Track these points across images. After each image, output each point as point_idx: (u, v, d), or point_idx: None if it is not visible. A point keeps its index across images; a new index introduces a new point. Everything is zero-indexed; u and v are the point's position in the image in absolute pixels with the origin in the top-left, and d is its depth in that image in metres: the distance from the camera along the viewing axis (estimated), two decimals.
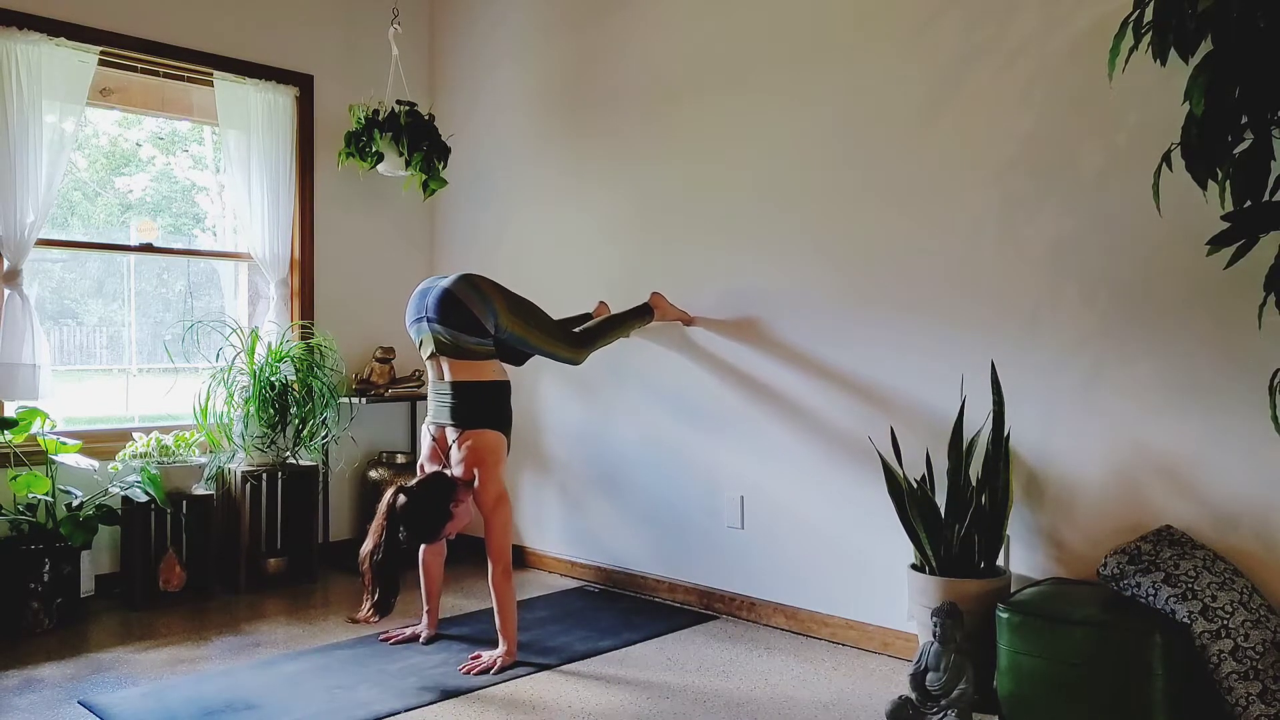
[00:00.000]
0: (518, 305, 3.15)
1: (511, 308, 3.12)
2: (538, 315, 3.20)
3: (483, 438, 3.07)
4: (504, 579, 3.02)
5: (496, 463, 3.08)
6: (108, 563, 3.85)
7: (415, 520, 2.98)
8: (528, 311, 3.17)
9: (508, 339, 3.12)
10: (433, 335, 3.08)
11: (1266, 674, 2.20)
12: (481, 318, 3.04)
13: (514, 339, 3.13)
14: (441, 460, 3.15)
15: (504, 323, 3.08)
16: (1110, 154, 2.65)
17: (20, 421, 3.46)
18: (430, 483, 3.04)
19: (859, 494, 3.20)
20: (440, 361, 3.12)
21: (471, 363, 3.09)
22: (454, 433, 3.10)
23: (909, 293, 3.07)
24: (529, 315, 3.17)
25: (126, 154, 4.39)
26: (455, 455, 3.09)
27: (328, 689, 2.80)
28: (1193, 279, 2.51)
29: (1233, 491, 2.46)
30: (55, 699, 2.75)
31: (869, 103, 3.17)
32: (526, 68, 4.37)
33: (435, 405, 3.16)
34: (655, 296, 3.62)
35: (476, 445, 3.06)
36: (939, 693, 2.48)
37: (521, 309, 3.15)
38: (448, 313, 3.03)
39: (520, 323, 3.12)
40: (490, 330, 3.06)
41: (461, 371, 3.09)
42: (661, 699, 2.73)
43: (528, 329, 3.14)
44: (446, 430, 3.13)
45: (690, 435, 3.71)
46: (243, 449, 4.01)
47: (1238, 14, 1.94)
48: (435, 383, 3.17)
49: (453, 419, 3.10)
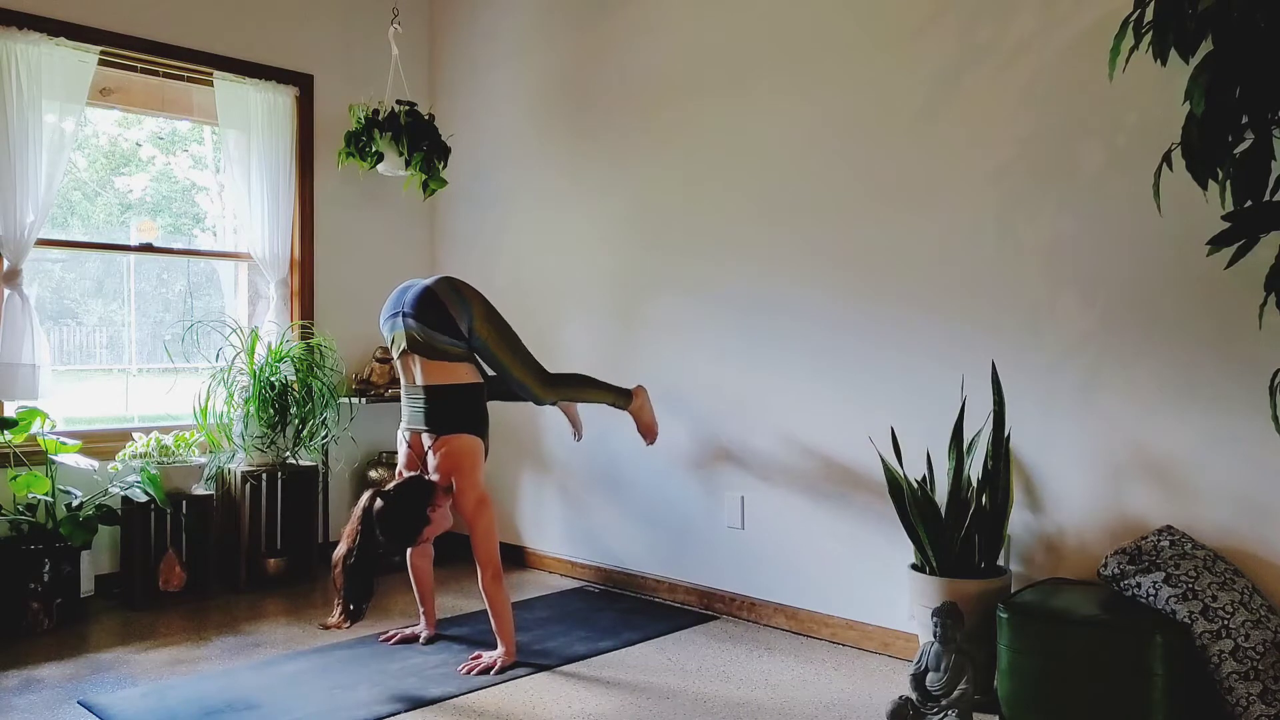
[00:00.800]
0: (494, 316, 3.10)
1: (487, 316, 3.08)
2: (513, 337, 3.14)
3: (458, 442, 3.03)
4: (494, 583, 2.99)
5: (474, 467, 3.04)
6: (107, 563, 3.84)
7: (392, 524, 2.93)
8: (504, 328, 3.12)
9: (478, 347, 3.08)
10: (405, 332, 3.04)
11: (1267, 674, 2.20)
12: (456, 317, 3.02)
13: (483, 349, 3.08)
14: (419, 466, 3.11)
15: (477, 327, 3.04)
16: (1110, 154, 2.65)
17: (20, 421, 3.46)
18: (407, 486, 3.00)
19: (859, 494, 3.19)
20: (412, 363, 3.08)
21: (444, 364, 3.06)
22: (429, 438, 3.06)
23: (909, 293, 3.07)
24: (504, 332, 3.11)
25: (126, 154, 4.39)
26: (431, 461, 3.05)
27: (327, 689, 2.80)
28: (1193, 279, 2.51)
29: (1233, 492, 2.46)
30: (55, 699, 2.74)
31: (869, 103, 3.17)
32: (526, 68, 4.37)
33: (409, 410, 3.14)
34: (640, 390, 3.48)
35: (452, 450, 3.02)
36: (939, 693, 2.47)
37: (497, 322, 3.10)
38: (424, 309, 3.01)
39: (493, 334, 3.07)
40: (464, 332, 3.03)
41: (434, 373, 3.06)
42: (661, 699, 2.73)
43: (499, 344, 3.08)
44: (422, 436, 3.09)
45: (690, 435, 3.71)
46: (242, 449, 4.01)
47: (1238, 14, 1.93)
48: (408, 387, 3.14)
49: (427, 424, 3.06)
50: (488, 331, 3.07)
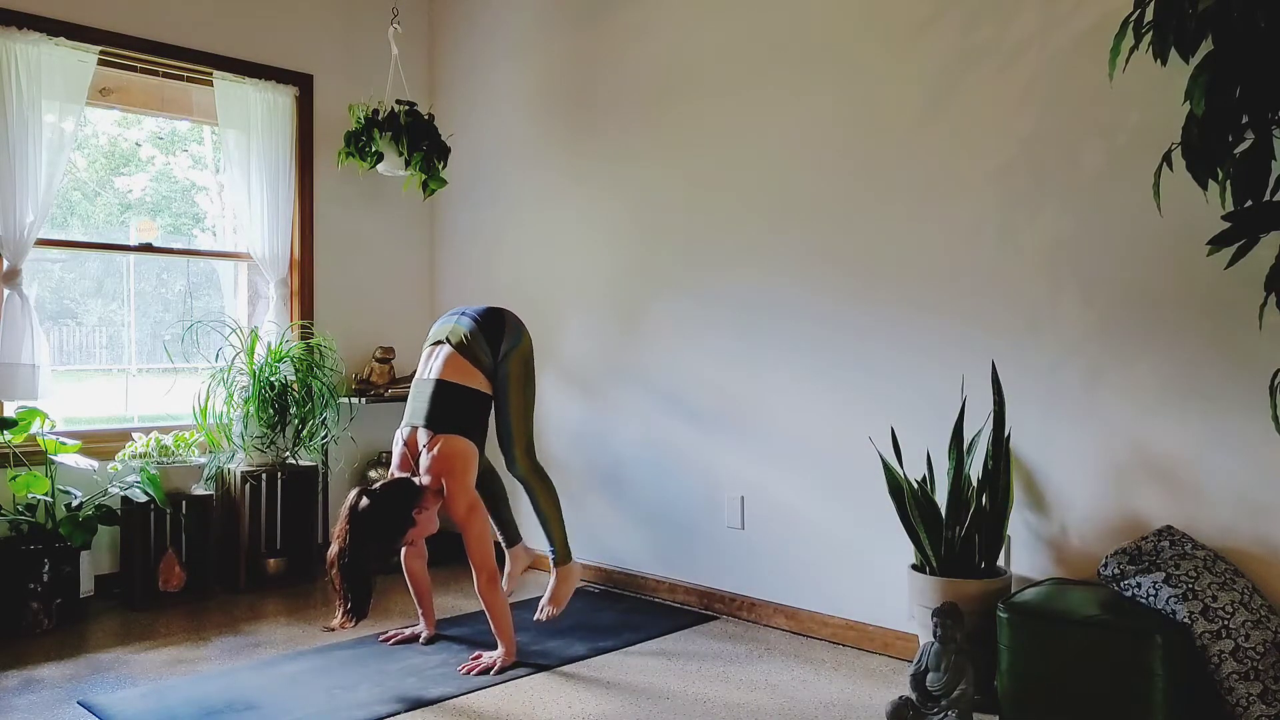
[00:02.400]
0: (529, 365, 3.22)
1: (525, 360, 3.20)
2: (531, 395, 3.23)
3: (453, 444, 3.01)
4: (490, 587, 2.98)
5: (465, 471, 3.01)
6: (107, 563, 3.84)
7: (376, 524, 2.89)
8: (530, 380, 3.22)
9: (500, 375, 3.15)
10: (457, 327, 3.15)
11: (1267, 674, 2.20)
12: (504, 339, 3.16)
13: (503, 381, 3.15)
14: (411, 468, 3.09)
15: (512, 360, 3.16)
16: (1110, 154, 2.65)
17: (20, 421, 3.46)
18: (394, 486, 2.98)
19: (859, 494, 3.19)
20: (436, 355, 3.13)
21: (467, 366, 3.09)
22: (425, 435, 3.05)
23: (909, 293, 3.07)
24: (527, 383, 3.20)
25: (126, 154, 4.39)
26: (424, 461, 3.03)
27: (327, 689, 2.80)
28: (1193, 279, 2.51)
29: (1233, 492, 2.46)
30: (55, 699, 2.74)
31: (869, 103, 3.16)
32: (526, 67, 4.37)
33: (412, 405, 3.14)
34: (576, 566, 3.37)
35: (446, 451, 2.99)
36: (939, 693, 2.47)
37: (528, 371, 3.21)
38: (488, 318, 3.19)
39: (519, 375, 3.17)
40: (499, 354, 3.14)
41: (453, 371, 3.08)
42: (661, 699, 2.72)
43: (517, 387, 3.17)
44: (419, 432, 3.07)
45: (690, 435, 3.71)
46: (242, 449, 4.01)
47: (1238, 14, 1.93)
48: (420, 381, 3.15)
49: (427, 420, 3.05)
50: (517, 370, 3.17)
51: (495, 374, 3.15)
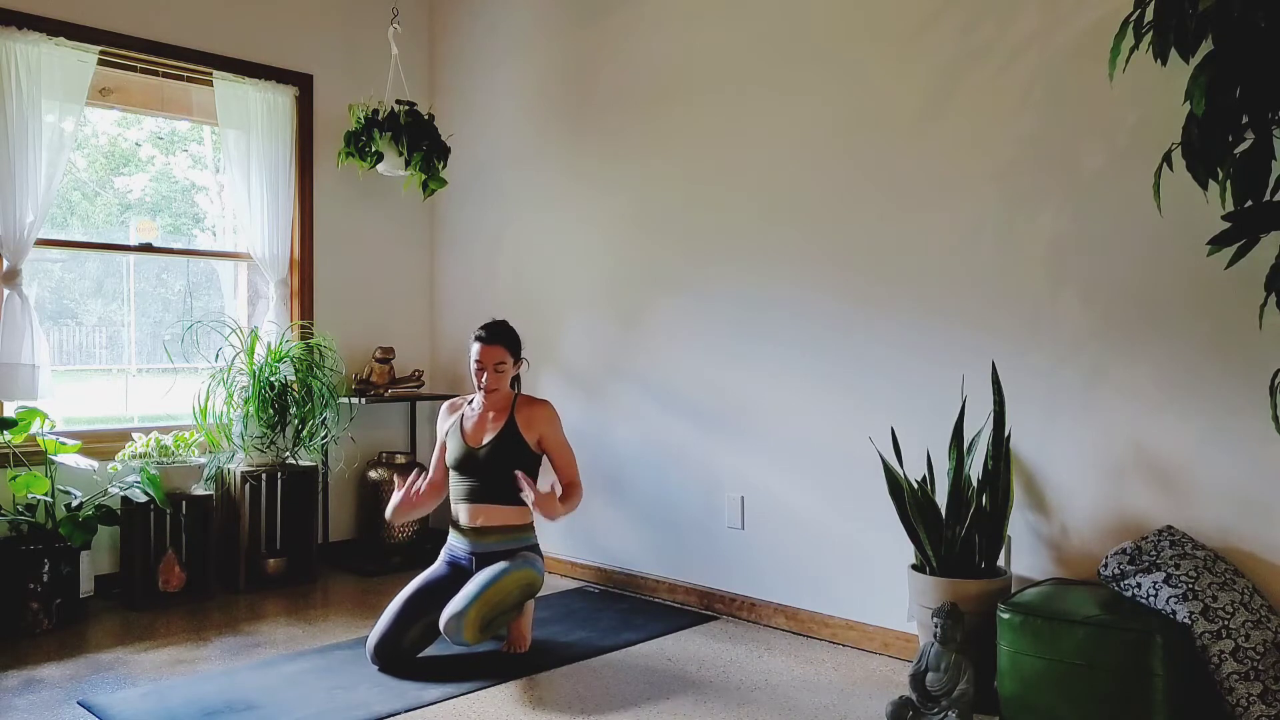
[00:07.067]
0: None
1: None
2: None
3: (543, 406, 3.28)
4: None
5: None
6: (107, 563, 3.84)
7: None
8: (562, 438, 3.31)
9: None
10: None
11: (1267, 674, 2.20)
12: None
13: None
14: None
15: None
16: (1110, 154, 2.65)
17: (20, 421, 3.46)
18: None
19: (859, 494, 3.19)
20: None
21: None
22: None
23: (909, 293, 3.07)
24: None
25: (126, 154, 4.39)
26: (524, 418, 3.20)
27: (328, 689, 2.80)
28: (1193, 279, 2.51)
29: (1233, 492, 2.46)
30: (55, 699, 2.74)
31: (869, 103, 3.16)
32: (526, 68, 4.37)
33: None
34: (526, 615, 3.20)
35: (541, 410, 3.26)
36: (939, 693, 2.47)
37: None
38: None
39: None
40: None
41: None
42: (661, 699, 2.72)
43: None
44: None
45: (690, 435, 3.71)
46: (242, 449, 4.01)
47: (1238, 14, 1.93)
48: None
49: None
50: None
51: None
